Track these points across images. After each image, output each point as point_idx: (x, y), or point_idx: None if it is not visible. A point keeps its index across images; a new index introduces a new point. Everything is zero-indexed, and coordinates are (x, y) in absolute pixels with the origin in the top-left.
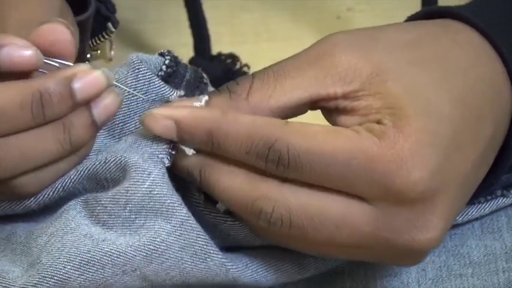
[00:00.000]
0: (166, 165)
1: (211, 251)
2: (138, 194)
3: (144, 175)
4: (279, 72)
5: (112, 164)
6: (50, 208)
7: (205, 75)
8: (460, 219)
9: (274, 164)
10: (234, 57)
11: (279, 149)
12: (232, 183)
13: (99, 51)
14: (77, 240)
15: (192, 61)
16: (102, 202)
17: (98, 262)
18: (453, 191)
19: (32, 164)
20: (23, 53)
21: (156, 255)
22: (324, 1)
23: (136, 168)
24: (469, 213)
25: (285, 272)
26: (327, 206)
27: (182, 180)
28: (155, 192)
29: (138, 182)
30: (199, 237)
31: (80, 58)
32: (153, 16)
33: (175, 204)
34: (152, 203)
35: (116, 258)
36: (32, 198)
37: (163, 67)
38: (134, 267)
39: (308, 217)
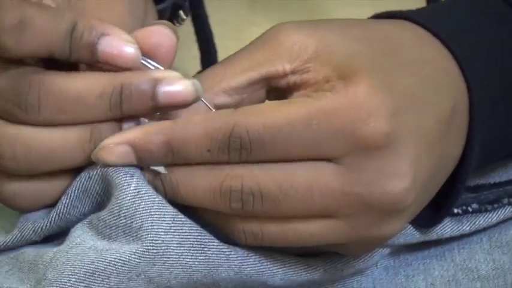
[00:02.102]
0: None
1: (207, 240)
2: (128, 198)
3: (128, 177)
4: (227, 61)
5: (97, 177)
6: (53, 238)
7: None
8: (468, 228)
9: (237, 151)
10: None
11: (238, 135)
12: (194, 178)
13: None
14: (81, 253)
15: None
16: (102, 217)
17: (102, 272)
18: (417, 140)
19: (54, 166)
20: (123, 47)
21: (159, 256)
22: (331, 14)
23: (118, 174)
24: (477, 223)
25: (291, 267)
26: (295, 171)
27: None
28: (143, 192)
29: (124, 185)
30: (191, 229)
31: None
32: None
33: (163, 202)
34: (143, 204)
35: (120, 267)
36: (31, 232)
37: None
38: (139, 272)
39: (277, 185)
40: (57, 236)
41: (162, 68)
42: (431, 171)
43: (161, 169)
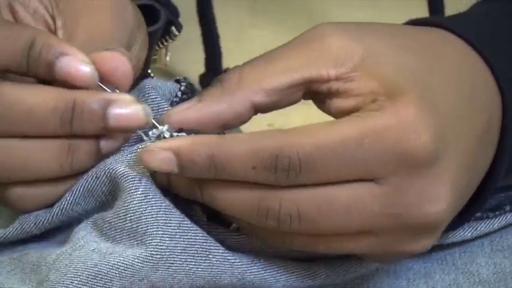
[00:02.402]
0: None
1: (212, 247)
2: (135, 202)
3: (136, 182)
4: (269, 57)
5: (104, 178)
6: (55, 229)
7: None
8: (469, 234)
9: (285, 171)
10: None
11: (287, 155)
12: (234, 192)
13: (156, 57)
14: (85, 256)
15: (202, 77)
16: (107, 219)
17: (105, 276)
18: (458, 160)
19: (30, 175)
20: (81, 68)
21: (162, 262)
22: (333, 18)
23: (126, 177)
24: (478, 229)
25: (294, 273)
26: (334, 193)
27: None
28: (150, 197)
29: (132, 189)
30: (197, 236)
31: (145, 66)
32: None
33: (170, 207)
34: (150, 208)
35: (123, 271)
36: (32, 225)
37: (179, 93)
38: (141, 277)
39: (316, 206)
40: (58, 230)
41: (117, 92)
42: (466, 187)
43: None
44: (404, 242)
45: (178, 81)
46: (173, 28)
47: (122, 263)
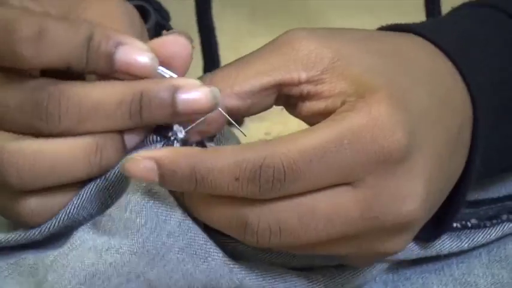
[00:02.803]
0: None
1: (212, 250)
2: (138, 193)
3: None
4: (240, 62)
5: (113, 177)
6: (57, 236)
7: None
8: (467, 245)
9: (269, 182)
10: None
11: (272, 164)
12: (213, 205)
13: None
14: (81, 255)
15: None
16: (108, 212)
17: (103, 274)
18: (429, 159)
19: (59, 180)
20: (140, 57)
21: (158, 258)
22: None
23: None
24: (475, 240)
25: (291, 282)
26: (315, 202)
27: None
28: (154, 191)
29: (137, 183)
30: (197, 237)
31: None
32: None
33: (173, 204)
34: (152, 201)
35: (120, 269)
36: (36, 232)
37: None
38: (138, 274)
39: (298, 218)
40: (59, 235)
41: (176, 76)
42: (440, 188)
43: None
44: (382, 242)
45: None
46: (164, 32)
47: (120, 260)
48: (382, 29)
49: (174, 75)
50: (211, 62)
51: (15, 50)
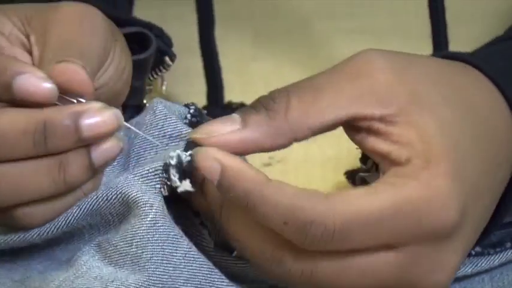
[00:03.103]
0: (164, 194)
1: (216, 279)
2: (143, 228)
3: (146, 208)
4: (315, 89)
5: (115, 201)
6: (57, 241)
7: None
8: (470, 270)
9: (316, 238)
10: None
11: (323, 222)
12: (251, 228)
13: (152, 86)
14: (87, 283)
15: (205, 110)
16: (113, 242)
17: None
18: (470, 231)
19: (25, 197)
20: (39, 84)
21: None
22: (335, 51)
23: (138, 202)
24: (479, 265)
25: None
26: (354, 260)
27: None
28: (159, 224)
29: (142, 215)
30: (202, 267)
31: (139, 95)
32: None
33: (178, 236)
34: (157, 235)
35: None
36: (35, 235)
37: (188, 115)
38: None
39: (331, 271)
40: (58, 246)
41: (83, 101)
42: (470, 249)
43: (188, 187)
44: None
45: (187, 106)
46: (166, 58)
47: None
48: (444, 57)
49: (80, 99)
50: (214, 86)
51: None
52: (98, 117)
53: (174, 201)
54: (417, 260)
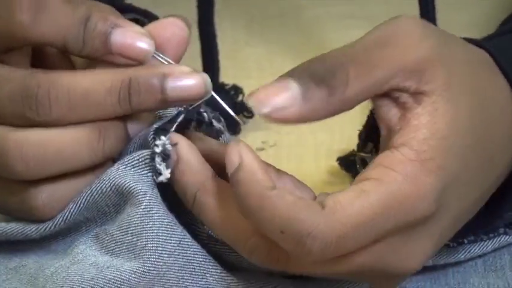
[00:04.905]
0: (158, 181)
1: (210, 267)
2: (137, 216)
3: (140, 196)
4: (369, 62)
5: (110, 192)
6: (54, 235)
7: (222, 119)
8: (463, 256)
9: (313, 250)
10: (237, 89)
11: (320, 236)
12: (226, 215)
13: None
14: (82, 269)
15: None
16: (110, 232)
17: None
18: (447, 220)
19: (65, 166)
20: (136, 41)
21: (158, 277)
22: (328, 36)
23: (132, 191)
24: (471, 251)
25: None
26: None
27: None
28: (153, 212)
29: (136, 203)
30: (196, 254)
31: None
32: None
33: (172, 223)
34: (152, 223)
35: (119, 286)
36: (33, 229)
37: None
38: None
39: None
40: (55, 239)
41: (172, 63)
42: (448, 238)
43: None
44: (376, 282)
45: None
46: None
47: (119, 278)
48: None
49: (169, 61)
50: (210, 70)
51: (15, 18)
52: (185, 80)
53: (168, 189)
54: (393, 250)
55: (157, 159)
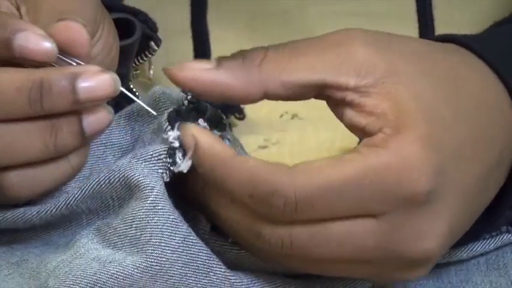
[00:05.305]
0: (165, 180)
1: (214, 265)
2: (143, 210)
3: (147, 190)
4: (295, 49)
5: (117, 184)
6: (55, 226)
7: (224, 117)
8: (465, 255)
9: (280, 209)
10: None
11: (284, 194)
12: (229, 206)
13: (138, 71)
14: (84, 264)
15: None
16: (113, 225)
17: (104, 284)
18: (456, 198)
19: (16, 158)
20: (40, 42)
21: (161, 273)
22: None
23: (139, 185)
24: (474, 249)
25: None
26: (329, 227)
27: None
28: (159, 207)
29: (142, 198)
30: (201, 252)
31: (124, 81)
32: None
33: (177, 220)
34: (157, 218)
35: (122, 281)
36: (34, 213)
37: (185, 102)
38: (140, 287)
39: (309, 237)
40: (55, 230)
41: (81, 64)
42: (464, 224)
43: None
44: (398, 271)
45: (184, 92)
46: (152, 43)
47: (121, 273)
48: (435, 39)
49: (79, 62)
50: None
51: None
52: (95, 80)
53: (175, 185)
54: (397, 227)
55: (179, 154)
